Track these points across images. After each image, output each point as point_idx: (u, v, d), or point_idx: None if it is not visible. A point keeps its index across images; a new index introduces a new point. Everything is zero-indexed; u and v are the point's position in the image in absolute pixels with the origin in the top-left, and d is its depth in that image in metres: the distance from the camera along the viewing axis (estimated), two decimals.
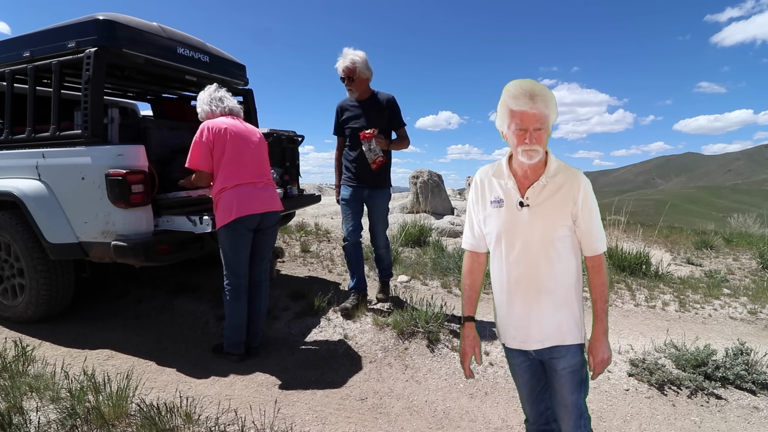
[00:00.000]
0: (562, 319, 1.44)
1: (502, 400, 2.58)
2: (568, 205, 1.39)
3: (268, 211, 2.86)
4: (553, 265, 1.41)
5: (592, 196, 1.40)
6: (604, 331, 1.45)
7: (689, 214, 47.20)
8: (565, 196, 1.39)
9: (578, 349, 1.46)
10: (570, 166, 1.43)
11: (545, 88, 1.33)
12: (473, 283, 1.60)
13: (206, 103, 2.86)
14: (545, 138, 1.36)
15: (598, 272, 1.44)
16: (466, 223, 1.60)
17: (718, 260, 6.54)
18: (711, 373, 2.73)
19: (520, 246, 1.42)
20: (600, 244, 1.43)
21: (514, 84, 1.35)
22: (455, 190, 15.16)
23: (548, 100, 1.33)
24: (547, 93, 1.33)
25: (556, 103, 1.35)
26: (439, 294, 4.19)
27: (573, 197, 1.39)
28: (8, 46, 3.32)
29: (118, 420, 2.01)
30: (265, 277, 3.05)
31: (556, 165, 1.41)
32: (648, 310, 4.08)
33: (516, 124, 1.33)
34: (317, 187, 13.35)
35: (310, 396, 2.53)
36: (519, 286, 1.45)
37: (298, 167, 4.34)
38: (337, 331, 3.29)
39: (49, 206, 3.02)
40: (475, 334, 1.60)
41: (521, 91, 1.31)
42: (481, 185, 1.51)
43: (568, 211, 1.39)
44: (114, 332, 3.28)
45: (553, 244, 1.40)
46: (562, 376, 1.46)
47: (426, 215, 8.28)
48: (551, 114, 1.34)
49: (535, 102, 1.30)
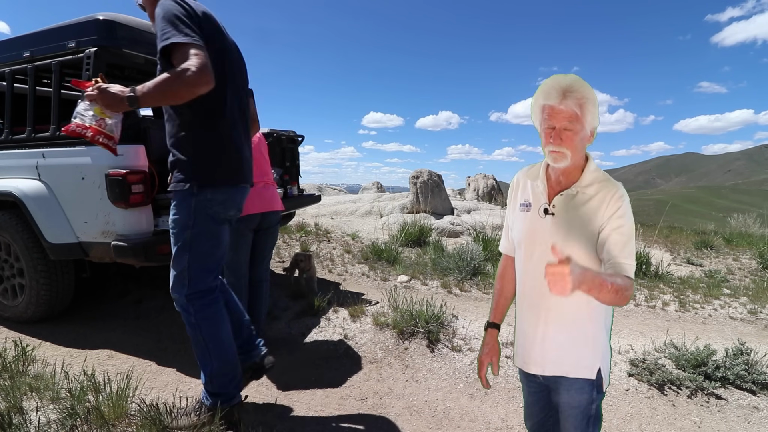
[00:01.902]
0: (569, 348, 1.29)
1: (502, 400, 2.58)
2: (596, 219, 1.21)
3: (268, 211, 2.86)
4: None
5: (629, 217, 1.20)
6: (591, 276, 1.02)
7: (689, 214, 47.19)
8: (594, 209, 1.21)
9: (587, 385, 1.29)
10: (610, 178, 1.25)
11: (586, 86, 1.19)
12: (503, 288, 1.51)
13: None
14: (576, 141, 1.20)
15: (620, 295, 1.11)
16: (504, 224, 1.50)
17: (718, 260, 6.54)
18: (711, 373, 2.73)
19: (538, 256, 1.29)
20: (628, 267, 1.16)
21: (551, 77, 1.22)
22: (455, 190, 15.16)
23: (584, 98, 1.18)
24: (584, 91, 1.18)
25: (596, 104, 1.20)
26: (439, 294, 4.20)
27: (603, 209, 1.20)
28: (8, 46, 3.31)
29: (118, 420, 2.01)
30: (266, 277, 3.05)
31: (593, 175, 1.25)
32: (648, 310, 4.08)
33: (544, 121, 1.21)
34: (317, 187, 13.36)
35: (310, 396, 2.53)
36: (528, 299, 1.34)
37: (298, 167, 4.35)
38: (337, 331, 3.30)
39: (49, 206, 3.02)
40: (496, 342, 1.49)
41: (555, 85, 1.19)
42: (515, 186, 1.41)
43: (595, 227, 1.21)
44: (114, 332, 3.28)
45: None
46: (565, 411, 1.33)
47: (426, 215, 8.28)
48: (586, 115, 1.19)
49: (566, 98, 1.17)
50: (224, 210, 2.01)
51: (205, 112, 1.91)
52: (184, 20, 1.72)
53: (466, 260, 4.76)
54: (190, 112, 1.89)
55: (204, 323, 1.99)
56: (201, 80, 1.67)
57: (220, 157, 1.96)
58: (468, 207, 10.23)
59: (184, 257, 1.95)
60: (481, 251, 5.12)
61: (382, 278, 4.66)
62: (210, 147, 1.93)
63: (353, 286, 4.39)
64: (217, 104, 1.92)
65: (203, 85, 1.70)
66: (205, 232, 1.97)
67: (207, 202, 1.93)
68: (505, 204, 8.60)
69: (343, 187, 15.32)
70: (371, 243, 5.88)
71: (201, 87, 1.70)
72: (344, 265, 5.11)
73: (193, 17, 1.77)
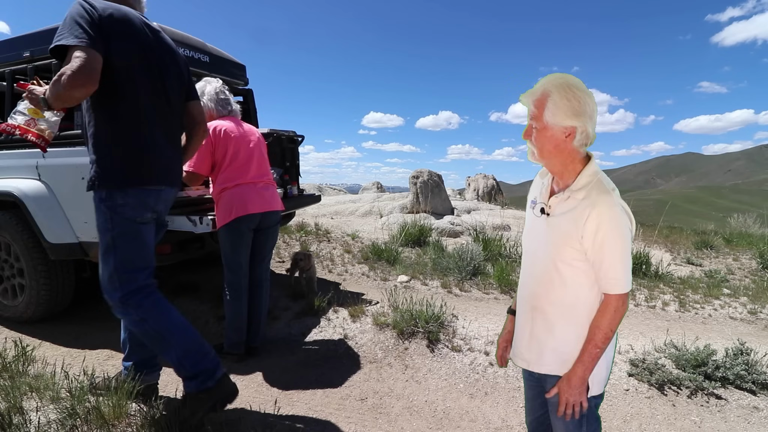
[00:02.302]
0: (551, 349, 1.30)
1: (502, 400, 2.58)
2: (577, 229, 1.20)
3: (268, 211, 2.86)
4: (554, 288, 1.27)
5: (609, 229, 1.17)
6: (579, 372, 1.23)
7: (689, 214, 47.21)
8: (576, 218, 1.20)
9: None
10: (601, 187, 1.20)
11: (554, 85, 1.18)
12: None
13: (213, 101, 2.81)
14: (543, 140, 1.22)
15: (601, 313, 1.22)
16: None
17: (718, 260, 6.54)
18: (711, 373, 2.73)
19: (531, 254, 1.35)
20: (611, 284, 1.20)
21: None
22: (455, 190, 15.18)
23: (544, 96, 1.18)
24: (547, 89, 1.18)
25: (558, 103, 1.17)
26: (439, 294, 4.20)
27: (583, 223, 1.19)
28: (8, 46, 3.32)
29: (118, 420, 2.01)
30: (266, 277, 3.05)
31: (585, 180, 1.22)
32: (648, 310, 4.08)
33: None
34: (317, 187, 13.36)
35: (310, 396, 2.53)
36: (521, 293, 1.39)
37: (298, 167, 4.34)
38: (337, 331, 3.30)
39: (49, 206, 3.02)
40: (512, 328, 1.49)
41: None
42: (535, 182, 1.44)
43: (577, 236, 1.21)
44: (114, 332, 3.25)
45: (557, 265, 1.25)
46: (552, 409, 1.35)
47: (426, 215, 8.29)
48: (544, 113, 1.18)
49: (530, 95, 1.21)
50: (138, 213, 1.94)
51: (111, 114, 1.87)
52: (81, 23, 1.71)
53: (466, 260, 4.76)
54: (96, 113, 1.87)
55: (149, 315, 1.95)
56: (75, 83, 1.63)
57: (129, 159, 1.89)
58: (468, 207, 10.24)
59: (110, 260, 1.93)
60: (481, 251, 5.12)
61: (382, 278, 4.66)
62: (117, 149, 1.88)
63: (353, 286, 4.40)
64: (125, 105, 1.88)
65: (78, 88, 1.65)
66: (126, 234, 1.93)
67: (119, 207, 1.89)
68: (505, 204, 8.68)
69: (343, 187, 15.34)
70: (371, 243, 5.88)
71: (76, 90, 1.65)
72: (344, 265, 5.11)
73: (94, 19, 1.74)
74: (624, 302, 1.21)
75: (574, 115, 1.17)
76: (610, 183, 1.23)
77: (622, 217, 1.18)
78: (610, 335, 1.22)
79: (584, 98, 1.17)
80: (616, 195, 1.20)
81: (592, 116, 1.19)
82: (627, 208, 1.22)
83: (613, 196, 1.19)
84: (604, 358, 1.26)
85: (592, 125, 1.20)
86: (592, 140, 1.23)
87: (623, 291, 1.20)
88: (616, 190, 1.22)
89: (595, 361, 1.23)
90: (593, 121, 1.20)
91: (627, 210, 1.21)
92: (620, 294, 1.20)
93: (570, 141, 1.20)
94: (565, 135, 1.19)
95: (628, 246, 1.19)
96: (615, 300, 1.20)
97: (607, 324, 1.21)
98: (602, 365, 1.28)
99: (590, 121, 1.19)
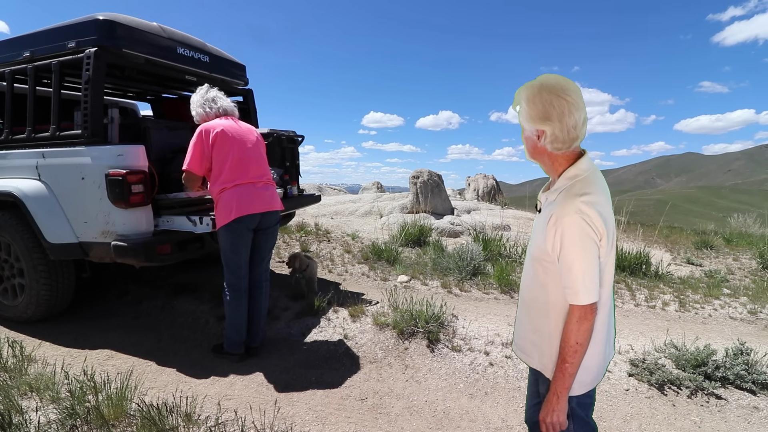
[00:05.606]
0: (532, 343, 1.34)
1: (502, 400, 2.58)
2: (544, 231, 1.20)
3: (268, 211, 2.86)
4: (533, 284, 1.30)
5: (566, 236, 1.14)
6: (554, 390, 1.22)
7: (689, 214, 47.20)
8: (545, 220, 1.21)
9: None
10: (571, 190, 1.17)
11: (529, 87, 1.20)
12: None
13: (199, 105, 2.83)
14: (524, 141, 1.28)
15: (567, 323, 1.19)
16: None
17: (718, 260, 6.53)
18: (711, 373, 2.73)
19: (529, 247, 1.38)
20: (568, 293, 1.17)
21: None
22: (455, 190, 15.17)
23: (520, 99, 1.22)
24: (521, 94, 1.22)
25: (529, 105, 1.18)
26: (439, 294, 4.20)
27: (545, 226, 1.20)
28: (8, 46, 3.32)
29: (118, 420, 2.01)
30: (266, 278, 3.05)
31: (561, 183, 1.22)
32: (648, 310, 4.08)
33: None
34: (317, 187, 13.36)
35: (310, 396, 2.53)
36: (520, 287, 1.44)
37: (298, 167, 4.35)
38: (337, 331, 3.29)
39: (49, 206, 3.02)
40: None
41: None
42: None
43: (543, 238, 1.21)
44: (114, 332, 3.28)
45: (533, 263, 1.29)
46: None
47: (426, 215, 8.28)
48: (521, 115, 1.23)
49: (515, 98, 1.26)
50: None
51: None
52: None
53: (466, 260, 4.76)
54: None
55: None
56: None
57: None
58: (468, 207, 10.23)
59: None
60: (481, 251, 5.12)
61: (382, 278, 4.66)
62: None
63: (353, 286, 4.39)
64: None
65: None
66: None
67: None
68: (505, 204, 8.67)
69: (343, 187, 15.33)
70: (371, 243, 5.88)
71: None
72: (344, 265, 5.11)
73: None
74: (587, 314, 1.15)
75: (539, 119, 1.18)
76: (586, 187, 1.17)
77: (580, 226, 1.12)
78: (578, 348, 1.17)
79: (553, 101, 1.15)
80: (583, 200, 1.13)
81: (561, 119, 1.15)
82: (595, 215, 1.13)
83: (577, 202, 1.13)
84: (587, 358, 1.22)
85: (561, 127, 1.16)
86: (572, 142, 1.19)
87: (581, 302, 1.15)
88: (588, 194, 1.15)
89: (570, 378, 1.20)
90: (563, 124, 1.16)
91: (592, 217, 1.13)
92: (580, 305, 1.15)
93: (541, 143, 1.22)
94: (536, 137, 1.22)
95: (586, 255, 1.13)
96: (576, 310, 1.16)
97: (572, 336, 1.17)
98: (585, 366, 1.24)
99: (558, 124, 1.16)
